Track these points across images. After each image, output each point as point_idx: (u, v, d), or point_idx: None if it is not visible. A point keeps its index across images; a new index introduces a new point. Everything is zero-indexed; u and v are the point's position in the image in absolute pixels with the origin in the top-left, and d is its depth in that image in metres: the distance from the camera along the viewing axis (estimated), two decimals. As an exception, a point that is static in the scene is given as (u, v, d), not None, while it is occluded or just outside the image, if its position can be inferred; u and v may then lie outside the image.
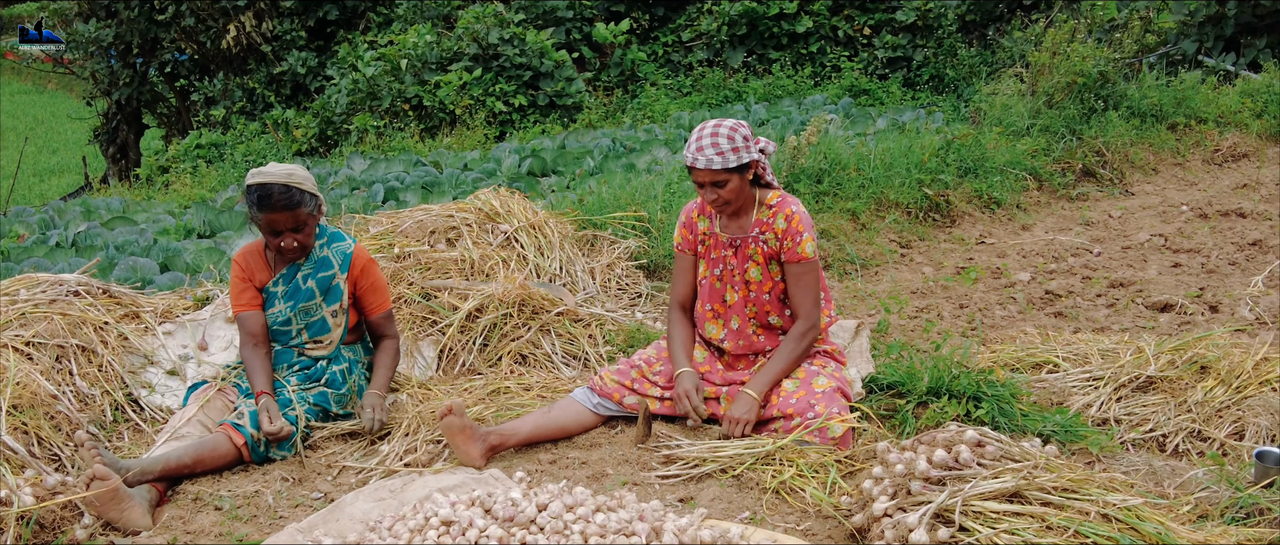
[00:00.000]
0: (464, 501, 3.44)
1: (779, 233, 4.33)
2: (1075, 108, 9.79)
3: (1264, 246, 7.35)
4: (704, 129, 4.19)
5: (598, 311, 5.57)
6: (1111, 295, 6.51)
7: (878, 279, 6.88)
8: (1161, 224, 8.07)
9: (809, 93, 15.95)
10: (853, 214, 7.59)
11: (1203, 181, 9.42)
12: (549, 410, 4.42)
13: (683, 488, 4.00)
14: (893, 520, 3.46)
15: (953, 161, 8.48)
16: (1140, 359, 5.00)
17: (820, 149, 8.15)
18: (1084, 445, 4.38)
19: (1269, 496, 3.85)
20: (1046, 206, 8.64)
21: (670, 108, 15.58)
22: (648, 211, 6.68)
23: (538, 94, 15.77)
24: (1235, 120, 10.54)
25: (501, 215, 6.02)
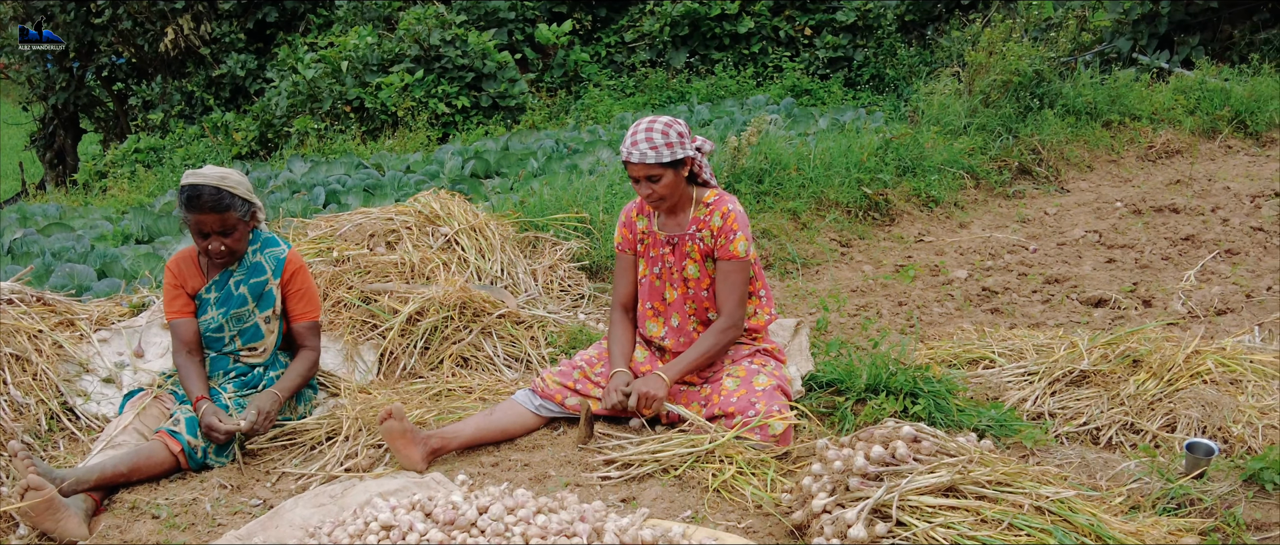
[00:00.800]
0: (404, 505, 3.44)
1: (715, 230, 4.37)
2: (1011, 106, 9.92)
3: (1196, 241, 7.50)
4: (640, 124, 4.23)
5: (540, 313, 5.58)
6: (1047, 291, 6.62)
7: (818, 278, 6.94)
8: (1096, 220, 8.21)
9: (751, 93, 16.04)
10: (793, 213, 7.64)
11: (1137, 178, 9.58)
12: (491, 413, 4.42)
13: (625, 488, 4.02)
14: (832, 516, 3.50)
15: (891, 161, 8.57)
16: (1074, 354, 5.09)
17: (761, 149, 8.20)
18: (1019, 439, 4.45)
19: (1199, 487, 3.94)
20: (983, 204, 8.76)
21: (614, 108, 15.60)
22: (589, 213, 6.70)
23: (480, 95, 15.72)
24: (1169, 117, 10.73)
25: (442, 218, 6.00)
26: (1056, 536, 3.39)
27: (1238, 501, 3.90)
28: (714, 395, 4.35)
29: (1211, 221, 7.99)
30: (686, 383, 4.46)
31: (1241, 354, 5.00)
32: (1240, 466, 4.10)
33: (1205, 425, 4.53)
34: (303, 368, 4.49)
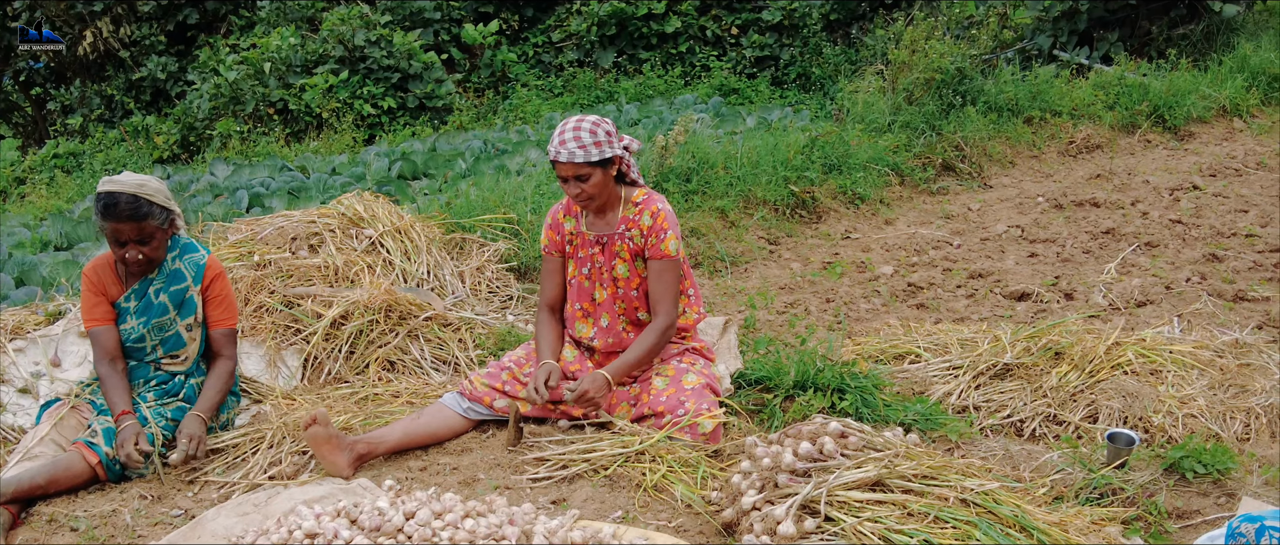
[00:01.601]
0: (329, 512, 3.39)
1: (644, 229, 4.36)
2: (934, 104, 10.03)
3: (1117, 235, 7.63)
4: (567, 123, 4.21)
5: (467, 315, 5.54)
6: (971, 286, 6.70)
7: (747, 276, 6.97)
8: (1019, 215, 8.33)
9: (680, 92, 16.07)
10: (722, 212, 7.67)
11: (1058, 173, 9.73)
12: (418, 416, 4.37)
13: (556, 489, 4.00)
14: (761, 513, 3.51)
15: (818, 159, 8.62)
16: (997, 347, 5.16)
17: (689, 148, 8.22)
18: (944, 433, 4.50)
19: (1121, 477, 4.01)
20: (908, 201, 8.85)
21: (542, 108, 15.55)
22: (517, 213, 6.66)
23: (407, 96, 15.59)
24: (1089, 112, 10.91)
25: (366, 220, 5.93)
26: (981, 528, 3.42)
27: (1159, 490, 3.98)
28: (643, 394, 4.35)
29: (1131, 215, 8.14)
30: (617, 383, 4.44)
31: (1161, 345, 5.09)
32: (1161, 456, 4.19)
33: (1126, 416, 4.61)
34: (220, 381, 4.40)
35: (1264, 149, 10.25)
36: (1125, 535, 3.73)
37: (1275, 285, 6.49)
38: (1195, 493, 4.05)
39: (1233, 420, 4.57)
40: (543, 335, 4.54)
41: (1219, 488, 4.05)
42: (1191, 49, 13.61)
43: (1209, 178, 9.24)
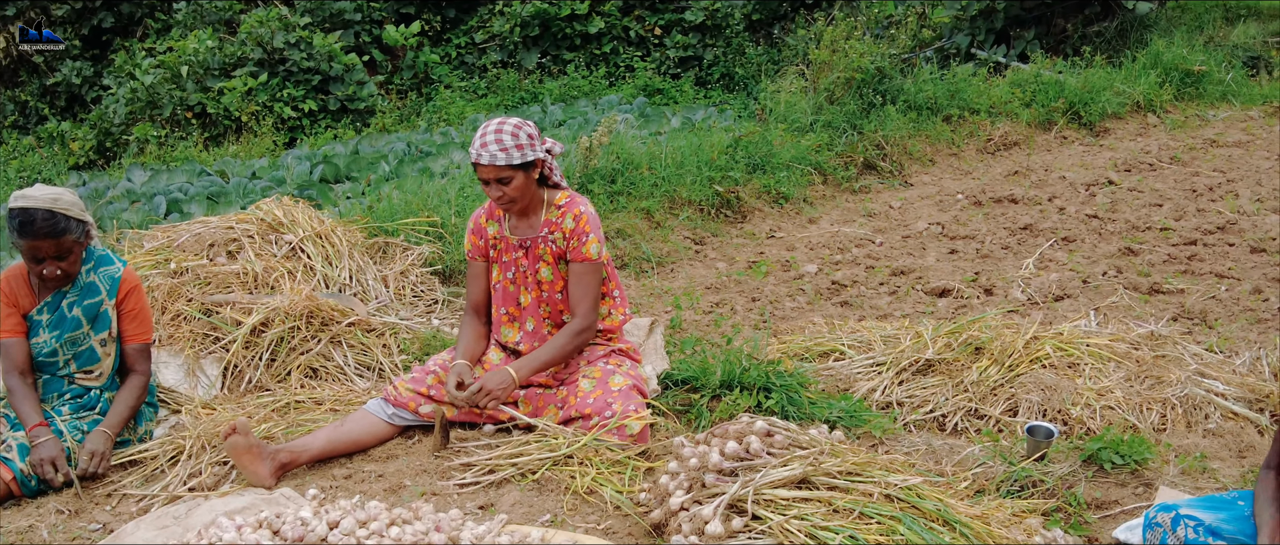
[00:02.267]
0: (250, 524, 3.33)
1: (567, 232, 4.35)
2: (855, 103, 10.13)
3: (1035, 230, 7.77)
4: (489, 126, 4.18)
5: (391, 320, 5.48)
6: (893, 283, 6.77)
7: (673, 276, 6.98)
8: (939, 212, 8.44)
9: (604, 93, 16.04)
10: (647, 212, 7.67)
11: (977, 170, 9.88)
12: (342, 423, 4.32)
13: (483, 494, 3.97)
14: (689, 513, 3.51)
15: (741, 158, 8.67)
16: (919, 343, 5.22)
17: (613, 149, 8.21)
18: (868, 429, 4.54)
19: (1041, 469, 4.08)
20: (831, 199, 8.93)
21: (466, 110, 15.44)
22: (441, 216, 6.61)
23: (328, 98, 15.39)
24: (1006, 110, 11.08)
25: (286, 225, 5.85)
26: (905, 523, 3.46)
27: (1078, 481, 4.06)
28: (570, 397, 4.34)
29: (1048, 211, 8.28)
30: (542, 386, 4.43)
31: (1078, 338, 5.19)
32: (1079, 447, 4.27)
33: (1045, 408, 4.69)
34: (131, 396, 4.30)
35: (1177, 144, 10.50)
36: (1046, 527, 3.79)
37: (1189, 278, 6.64)
38: (1113, 483, 4.13)
39: (1149, 411, 4.66)
40: (463, 337, 4.52)
41: (1136, 478, 4.14)
42: (1106, 46, 13.88)
43: (1124, 173, 9.44)
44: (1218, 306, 6.10)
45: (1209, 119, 11.55)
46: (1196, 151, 10.17)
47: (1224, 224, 7.68)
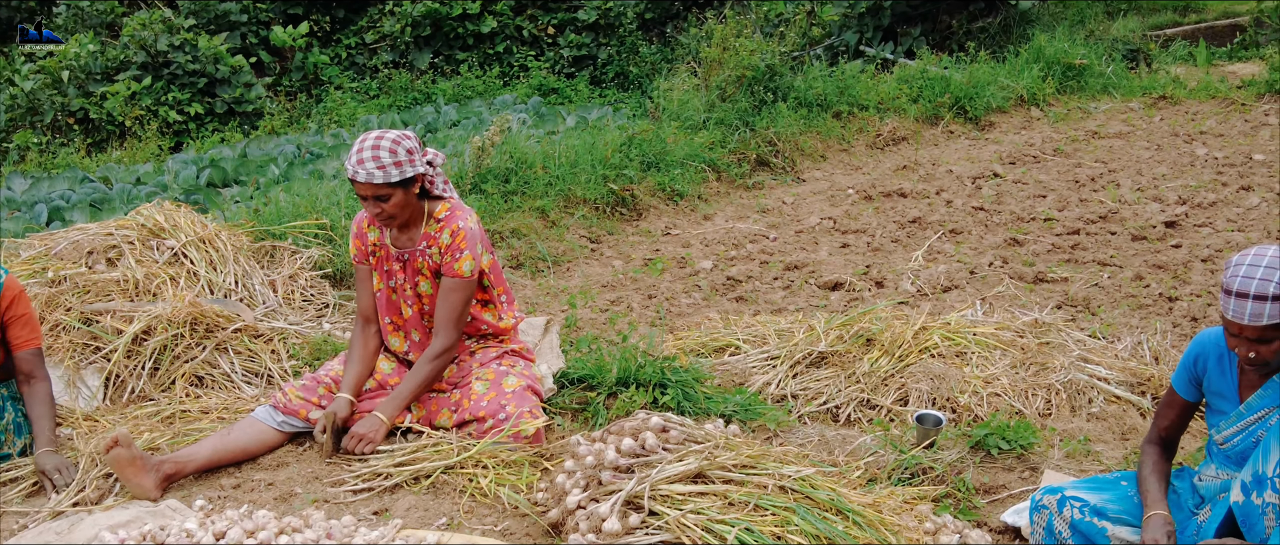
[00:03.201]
0: (134, 537, 3.25)
1: (443, 247, 4.27)
2: (747, 100, 10.20)
3: (923, 224, 7.91)
4: (365, 140, 4.06)
5: (280, 325, 5.37)
6: (787, 278, 6.84)
7: (569, 275, 6.96)
8: (831, 207, 8.55)
9: (498, 93, 15.95)
10: (542, 212, 7.64)
11: (867, 165, 10.03)
12: (228, 432, 4.21)
13: (377, 500, 3.91)
14: (586, 512, 3.50)
15: (636, 156, 8.67)
16: (812, 336, 5.27)
17: (506, 148, 8.16)
18: (763, 422, 4.58)
19: (930, 456, 4.15)
20: (726, 196, 8.98)
21: (357, 111, 15.22)
22: (331, 219, 6.48)
23: (215, 101, 15.06)
24: (894, 106, 11.27)
25: (168, 230, 5.68)
26: (799, 514, 3.49)
27: (966, 467, 4.13)
28: (464, 400, 4.29)
29: (936, 204, 8.44)
30: (436, 390, 4.37)
31: (965, 327, 5.29)
32: (967, 434, 4.35)
33: (934, 397, 4.77)
34: (45, 408, 4.15)
35: (1060, 136, 10.78)
36: (935, 513, 3.86)
37: (1073, 266, 6.82)
38: (1001, 468, 4.22)
39: (1034, 397, 4.78)
40: (351, 356, 4.42)
41: (1023, 462, 4.24)
42: (990, 41, 14.19)
43: (1009, 165, 9.67)
44: (1100, 294, 6.27)
45: (1091, 111, 11.89)
46: (1079, 143, 10.46)
47: (1106, 213, 7.90)
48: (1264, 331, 3.06)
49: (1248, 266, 3.07)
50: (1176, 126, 10.94)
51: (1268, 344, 3.10)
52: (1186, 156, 9.65)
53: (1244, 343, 3.13)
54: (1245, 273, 3.05)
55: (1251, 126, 10.75)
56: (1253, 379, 3.32)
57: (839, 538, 3.46)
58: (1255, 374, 3.30)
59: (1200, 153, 9.72)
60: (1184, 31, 15.38)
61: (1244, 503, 3.19)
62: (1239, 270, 3.08)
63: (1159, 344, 5.34)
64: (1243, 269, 3.07)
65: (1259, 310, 3.02)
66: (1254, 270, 3.05)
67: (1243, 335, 3.11)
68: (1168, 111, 11.73)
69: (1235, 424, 3.36)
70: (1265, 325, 3.04)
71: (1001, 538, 3.82)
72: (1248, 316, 3.04)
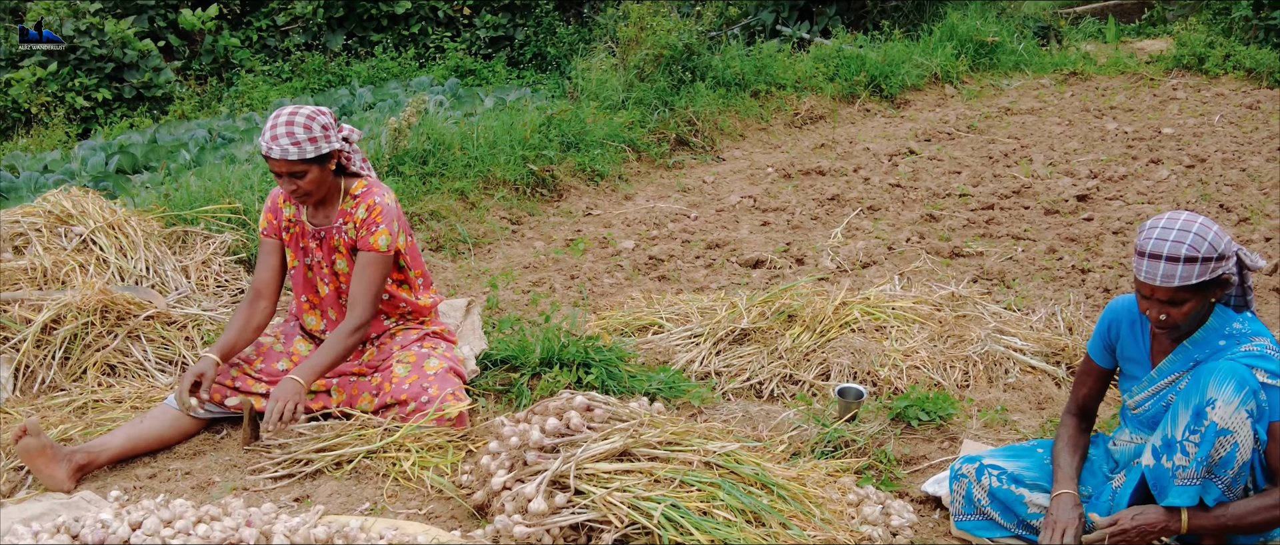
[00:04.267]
0: (47, 530, 3.16)
1: (358, 223, 4.21)
2: (665, 80, 10.19)
3: (841, 201, 7.97)
4: (279, 116, 3.99)
5: (194, 312, 5.26)
6: (709, 256, 6.86)
7: (490, 256, 6.91)
8: (751, 186, 8.58)
9: (415, 74, 15.75)
10: (461, 193, 7.57)
11: (785, 144, 10.08)
12: (142, 420, 4.12)
13: (298, 487, 3.86)
14: (512, 492, 3.49)
15: (555, 137, 8.63)
16: (735, 313, 5.29)
17: (423, 130, 8.06)
18: (687, 399, 4.59)
19: (852, 429, 4.19)
20: (646, 176, 8.98)
21: (270, 94, 14.94)
22: (244, 203, 6.36)
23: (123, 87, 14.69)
24: (811, 84, 11.33)
25: (76, 217, 5.54)
26: (724, 488, 3.50)
27: (888, 439, 4.18)
28: (385, 383, 4.24)
29: (854, 181, 8.52)
30: (356, 374, 4.32)
31: (883, 302, 5.35)
32: (888, 407, 4.41)
33: (855, 371, 4.82)
34: None
35: (973, 113, 10.93)
36: (858, 484, 3.90)
37: (988, 240, 6.93)
38: (921, 439, 4.28)
39: (952, 369, 4.84)
40: (232, 323, 4.27)
41: (942, 433, 4.30)
42: (904, 20, 14.33)
43: (924, 142, 9.78)
44: (1015, 267, 6.38)
45: (1003, 88, 12.08)
46: (992, 119, 10.62)
47: (1019, 188, 8.04)
48: (1175, 293, 3.13)
49: (1161, 229, 3.14)
50: (1087, 102, 11.16)
51: (1178, 306, 3.17)
52: (1097, 131, 9.85)
53: (1156, 305, 3.20)
54: (1159, 235, 3.13)
55: (1160, 101, 11.00)
56: (1164, 344, 3.40)
57: (764, 511, 3.49)
58: (1166, 339, 3.37)
59: (1110, 127, 9.93)
60: (1094, 9, 15.69)
61: (1155, 466, 3.26)
62: (1152, 233, 3.15)
63: (1072, 315, 5.44)
64: (1156, 231, 3.14)
65: (1171, 272, 3.09)
66: (1167, 232, 3.12)
67: (1155, 297, 3.18)
68: (1078, 87, 11.96)
69: (1147, 388, 3.43)
70: (1177, 287, 3.11)
71: (923, 507, 3.87)
72: (1160, 278, 3.11)
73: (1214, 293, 3.20)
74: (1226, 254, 3.14)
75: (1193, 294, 3.14)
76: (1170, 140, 9.36)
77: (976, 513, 3.61)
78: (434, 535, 3.42)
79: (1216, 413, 3.10)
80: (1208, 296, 3.19)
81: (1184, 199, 7.63)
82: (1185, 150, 8.98)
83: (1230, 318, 3.30)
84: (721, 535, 3.36)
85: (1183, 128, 9.78)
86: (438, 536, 3.42)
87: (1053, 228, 7.18)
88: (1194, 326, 3.30)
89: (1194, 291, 3.14)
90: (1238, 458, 3.12)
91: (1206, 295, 3.18)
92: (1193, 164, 8.56)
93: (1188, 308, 3.17)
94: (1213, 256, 3.10)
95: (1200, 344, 3.31)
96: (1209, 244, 3.09)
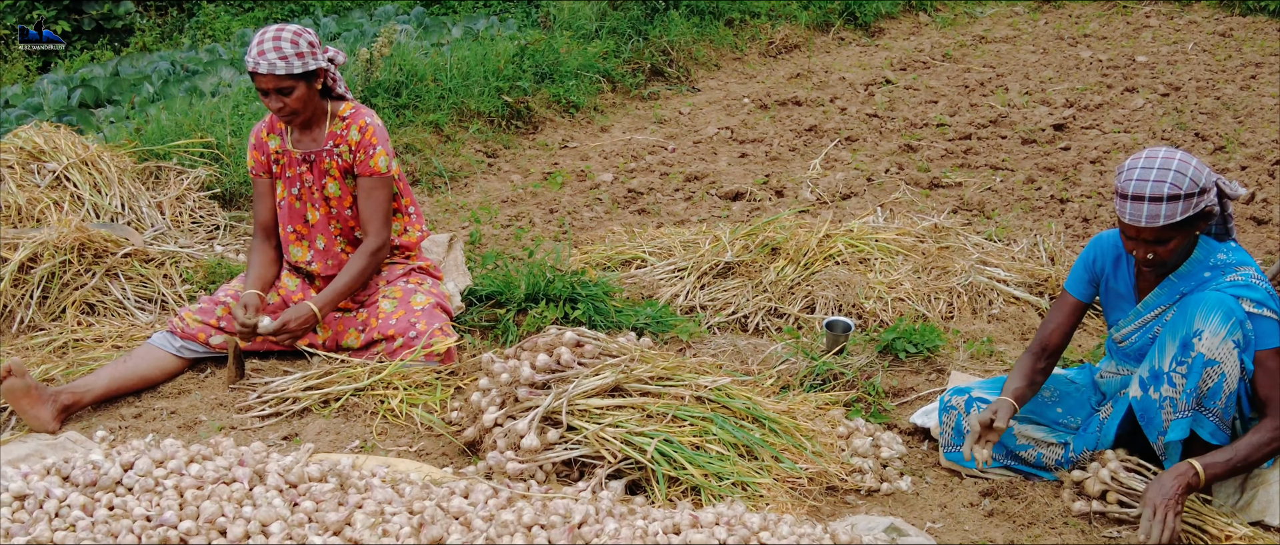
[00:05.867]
0: (37, 471, 3.12)
1: (352, 145, 4.17)
2: (639, 8, 10.06)
3: (819, 131, 7.94)
4: (266, 33, 3.94)
5: (171, 249, 5.19)
6: (688, 189, 6.82)
7: (467, 190, 6.85)
8: (727, 117, 8.53)
9: (380, 4, 15.50)
10: (436, 126, 7.48)
11: (761, 74, 10.02)
12: (126, 359, 4.08)
13: (286, 425, 3.84)
14: (503, 429, 3.48)
15: (529, 68, 8.52)
16: (718, 247, 5.28)
17: (395, 60, 7.94)
18: (675, 334, 4.58)
19: (840, 362, 4.20)
20: (622, 108, 8.90)
21: (232, 25, 14.67)
22: (217, 136, 6.25)
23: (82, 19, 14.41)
24: (785, 13, 11.24)
25: (48, 153, 5.43)
26: (717, 423, 3.51)
27: (875, 372, 4.20)
28: (372, 319, 4.21)
29: (831, 112, 8.48)
30: (342, 309, 4.28)
31: (867, 234, 5.35)
32: (875, 339, 4.42)
33: (840, 304, 4.83)
34: None
35: (948, 41, 10.90)
36: (848, 416, 3.93)
37: (966, 171, 6.93)
38: (908, 371, 4.30)
39: (937, 301, 4.86)
40: (252, 262, 4.31)
41: (929, 365, 4.32)
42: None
43: (899, 72, 9.75)
44: (994, 197, 6.39)
45: (977, 16, 12.03)
46: (967, 48, 10.59)
47: (996, 117, 8.03)
48: (1161, 232, 3.14)
49: (1140, 169, 3.13)
50: (1061, 30, 11.14)
51: (1164, 244, 3.18)
52: (1072, 59, 9.84)
53: (1141, 245, 3.21)
54: (1140, 176, 3.12)
55: (1134, 29, 11.00)
56: (1149, 278, 3.42)
57: (757, 445, 3.50)
58: (1152, 273, 3.39)
59: (1085, 56, 9.92)
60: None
61: (1142, 398, 3.30)
62: (1133, 173, 3.14)
63: (1054, 245, 5.46)
64: (1136, 172, 3.13)
65: (1155, 211, 3.10)
66: (1148, 172, 3.11)
67: (1140, 237, 3.19)
68: (1052, 15, 11.94)
69: (1134, 322, 3.46)
70: (1162, 226, 3.11)
71: (911, 439, 3.89)
72: (1145, 218, 3.11)
73: (1198, 226, 3.21)
74: (1207, 187, 3.15)
75: (1177, 231, 3.15)
76: (1144, 68, 9.37)
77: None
78: (427, 472, 3.42)
79: (1203, 344, 3.13)
80: (1192, 231, 3.20)
81: (1160, 128, 7.65)
82: (1159, 78, 8.99)
83: (1214, 248, 3.32)
84: (715, 469, 3.38)
85: (1156, 56, 9.78)
86: (430, 473, 3.41)
87: (1030, 157, 7.19)
88: (1180, 261, 3.32)
89: (1178, 228, 3.14)
90: (1225, 388, 3.16)
91: (1191, 230, 3.19)
92: (1167, 93, 8.58)
93: (1173, 244, 3.19)
94: (1194, 191, 3.10)
95: (1185, 276, 3.32)
96: (1190, 179, 3.09)
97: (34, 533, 2.85)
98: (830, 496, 3.50)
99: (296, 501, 3.05)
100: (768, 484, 3.38)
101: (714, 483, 3.34)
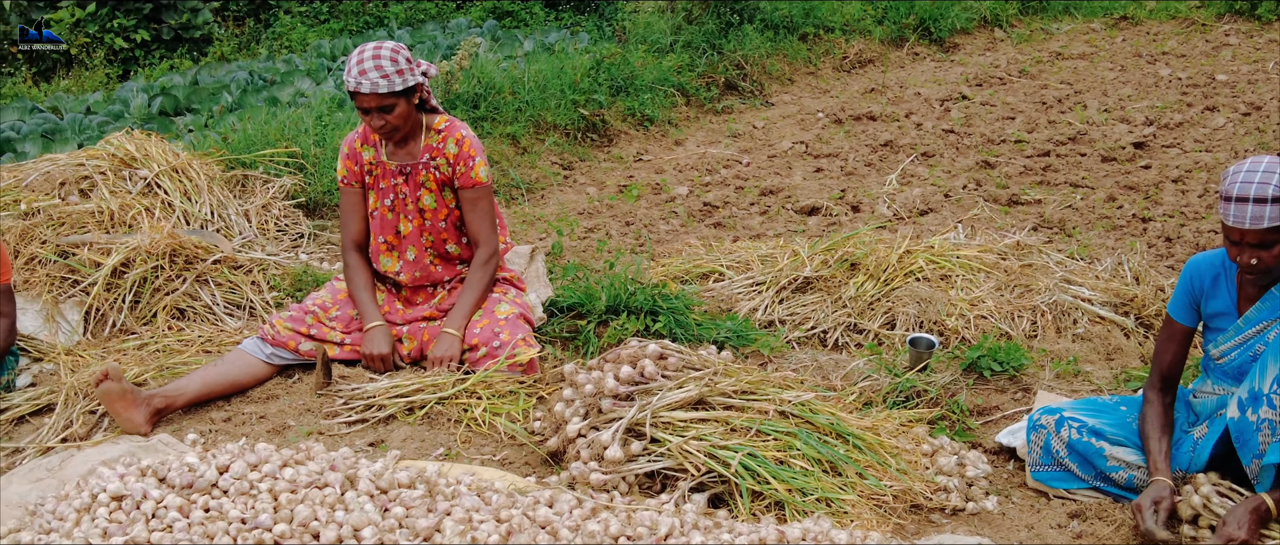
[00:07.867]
0: (133, 472, 3.18)
1: (450, 158, 4.22)
2: (714, 22, 10.08)
3: (895, 147, 7.90)
4: (364, 52, 3.98)
5: (259, 256, 5.27)
6: (764, 203, 6.82)
7: (544, 202, 6.90)
8: (801, 131, 8.51)
9: (453, 16, 15.67)
10: (513, 138, 7.54)
11: (835, 88, 9.99)
12: (217, 364, 4.16)
13: (371, 432, 3.89)
14: (587, 439, 3.49)
15: (604, 80, 8.57)
16: (797, 261, 5.27)
17: (473, 73, 8.03)
18: (756, 347, 4.58)
19: (924, 379, 4.17)
20: (696, 121, 8.92)
21: (308, 36, 14.90)
22: (301, 146, 6.36)
23: (161, 28, 14.69)
24: (859, 27, 11.20)
25: (139, 160, 5.55)
26: (801, 438, 3.50)
27: (960, 389, 4.16)
28: (457, 329, 4.25)
29: (907, 127, 8.43)
30: (427, 318, 4.32)
31: (948, 250, 5.30)
32: (959, 357, 4.38)
33: (922, 320, 4.79)
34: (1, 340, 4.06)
35: (1024, 57, 10.79)
36: (932, 434, 3.90)
37: (1045, 188, 6.86)
38: (993, 390, 4.26)
39: (1021, 319, 4.81)
40: (356, 285, 4.34)
41: (1015, 384, 4.28)
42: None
43: (976, 87, 9.67)
44: (1075, 215, 6.31)
45: (1053, 32, 11.90)
46: (1043, 64, 10.48)
47: (1074, 135, 7.93)
48: (1265, 235, 3.11)
49: (1245, 172, 3.13)
50: (1139, 47, 10.99)
51: (1269, 249, 3.15)
52: (1150, 77, 9.71)
53: (1246, 250, 3.18)
54: (1244, 178, 3.11)
55: (1212, 47, 10.82)
56: (1250, 293, 3.37)
57: (841, 461, 3.49)
58: (1253, 287, 3.34)
59: (1164, 73, 9.77)
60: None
61: (1239, 419, 3.24)
62: (1238, 176, 3.13)
63: (1139, 264, 5.38)
64: (1241, 175, 3.13)
65: (1259, 213, 3.08)
66: (1253, 175, 3.11)
67: (1244, 241, 3.16)
68: (1129, 32, 11.77)
69: (1234, 338, 3.40)
70: (1266, 228, 3.09)
71: (997, 458, 3.85)
72: (1249, 220, 3.09)
73: (1303, 234, 3.16)
74: (1313, 195, 3.11)
75: (1281, 234, 3.12)
76: (1224, 87, 9.21)
77: (1054, 464, 3.60)
78: (511, 481, 3.44)
79: (1307, 366, 3.08)
80: (1297, 236, 3.16)
81: (1241, 147, 7.52)
82: (1240, 97, 8.83)
83: (1319, 262, 3.26)
84: (799, 484, 3.37)
85: (1237, 74, 9.61)
86: (515, 482, 3.44)
87: (1110, 175, 7.10)
88: (1283, 270, 3.27)
89: (1283, 231, 3.11)
90: (1328, 412, 3.10)
91: (1296, 236, 3.15)
92: (1249, 111, 8.43)
93: (1278, 249, 3.15)
94: (1300, 196, 3.08)
95: (1289, 290, 3.28)
96: (1295, 184, 3.07)
97: (131, 533, 2.91)
98: (915, 515, 3.48)
99: (387, 507, 3.09)
100: (852, 501, 3.37)
101: (798, 498, 3.33)
